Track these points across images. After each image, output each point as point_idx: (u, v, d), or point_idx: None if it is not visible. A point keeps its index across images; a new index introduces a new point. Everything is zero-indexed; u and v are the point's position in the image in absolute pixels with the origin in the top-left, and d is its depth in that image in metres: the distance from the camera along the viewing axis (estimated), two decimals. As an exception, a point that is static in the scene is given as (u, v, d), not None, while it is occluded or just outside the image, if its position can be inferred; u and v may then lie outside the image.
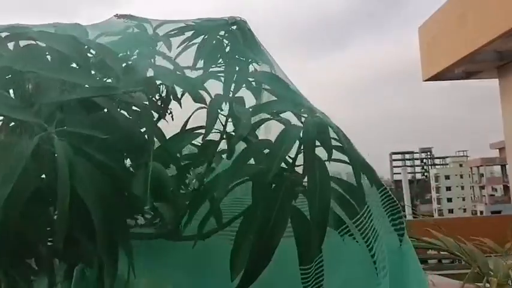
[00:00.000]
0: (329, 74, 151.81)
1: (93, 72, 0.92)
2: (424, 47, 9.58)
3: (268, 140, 0.95)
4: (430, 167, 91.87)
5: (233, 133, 0.96)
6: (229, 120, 0.98)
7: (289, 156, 0.90)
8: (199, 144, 1.02)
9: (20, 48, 0.93)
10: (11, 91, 0.86)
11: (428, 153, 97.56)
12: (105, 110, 0.87)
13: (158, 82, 1.00)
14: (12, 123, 0.82)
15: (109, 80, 0.93)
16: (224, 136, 0.99)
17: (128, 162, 0.91)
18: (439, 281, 3.22)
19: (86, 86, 0.87)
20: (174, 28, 1.10)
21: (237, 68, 1.07)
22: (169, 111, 1.01)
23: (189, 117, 1.02)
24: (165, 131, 1.00)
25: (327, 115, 0.96)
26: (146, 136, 0.90)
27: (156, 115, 0.99)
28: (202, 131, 0.96)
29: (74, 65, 0.91)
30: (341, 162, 0.92)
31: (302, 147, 0.88)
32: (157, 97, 1.00)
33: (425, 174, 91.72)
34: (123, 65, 0.96)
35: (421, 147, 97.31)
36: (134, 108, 0.92)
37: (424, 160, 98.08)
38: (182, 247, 0.98)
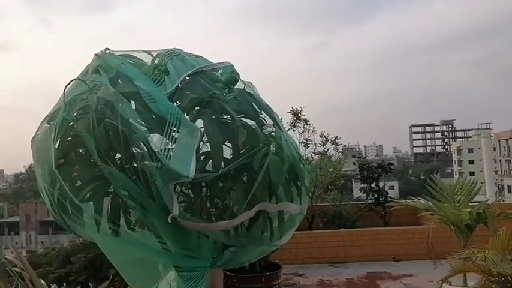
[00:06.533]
0: (352, 47, 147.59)
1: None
2: None
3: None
4: (451, 140, 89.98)
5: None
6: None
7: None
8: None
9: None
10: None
11: (450, 125, 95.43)
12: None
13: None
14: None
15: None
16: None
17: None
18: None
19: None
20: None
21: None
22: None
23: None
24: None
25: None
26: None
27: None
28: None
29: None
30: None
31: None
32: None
33: (446, 147, 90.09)
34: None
35: (442, 120, 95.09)
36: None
37: (446, 133, 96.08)
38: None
